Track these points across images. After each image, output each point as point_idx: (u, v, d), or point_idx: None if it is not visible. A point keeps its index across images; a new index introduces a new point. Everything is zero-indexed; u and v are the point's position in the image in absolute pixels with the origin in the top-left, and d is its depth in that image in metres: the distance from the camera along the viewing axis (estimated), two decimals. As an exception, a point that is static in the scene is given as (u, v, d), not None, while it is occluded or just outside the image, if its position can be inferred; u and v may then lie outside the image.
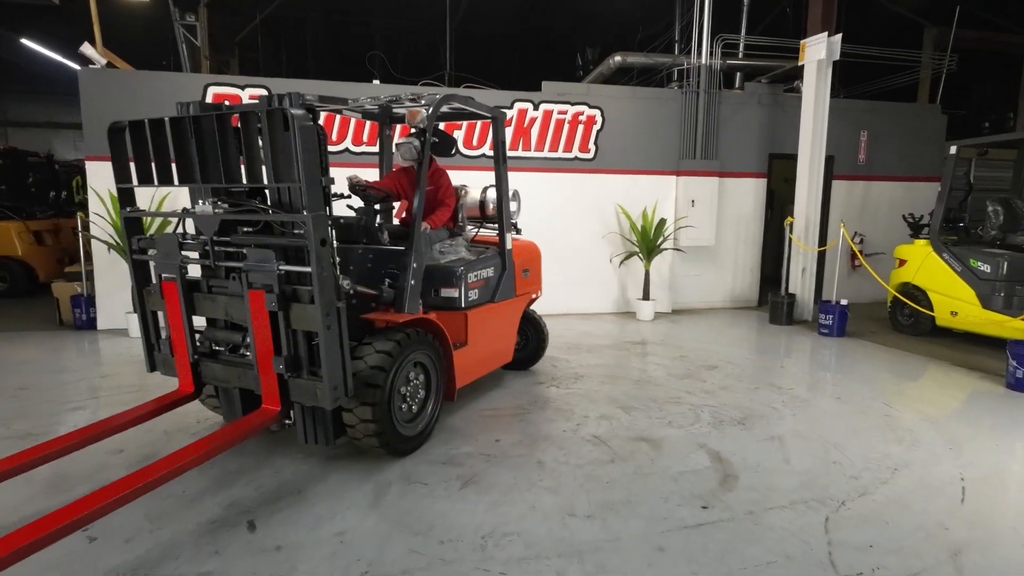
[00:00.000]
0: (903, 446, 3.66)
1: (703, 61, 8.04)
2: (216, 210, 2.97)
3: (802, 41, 7.40)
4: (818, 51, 7.11)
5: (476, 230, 5.01)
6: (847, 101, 9.27)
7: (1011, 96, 13.56)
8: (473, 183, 4.97)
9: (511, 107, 7.57)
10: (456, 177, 4.79)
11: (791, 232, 7.51)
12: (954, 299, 6.36)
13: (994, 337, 6.01)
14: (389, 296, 3.54)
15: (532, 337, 5.21)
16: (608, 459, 3.43)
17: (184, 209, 3.20)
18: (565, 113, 7.72)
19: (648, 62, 9.09)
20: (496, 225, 5.01)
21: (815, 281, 7.77)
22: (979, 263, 6.22)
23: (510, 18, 13.46)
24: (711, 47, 8.12)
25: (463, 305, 4.09)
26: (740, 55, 9.01)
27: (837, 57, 7.10)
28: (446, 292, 4.07)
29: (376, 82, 8.26)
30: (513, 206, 4.99)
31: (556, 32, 13.84)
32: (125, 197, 3.27)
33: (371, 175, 4.67)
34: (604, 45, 11.51)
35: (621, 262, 7.92)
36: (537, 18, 13.34)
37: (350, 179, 4.00)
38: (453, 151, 4.24)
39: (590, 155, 7.83)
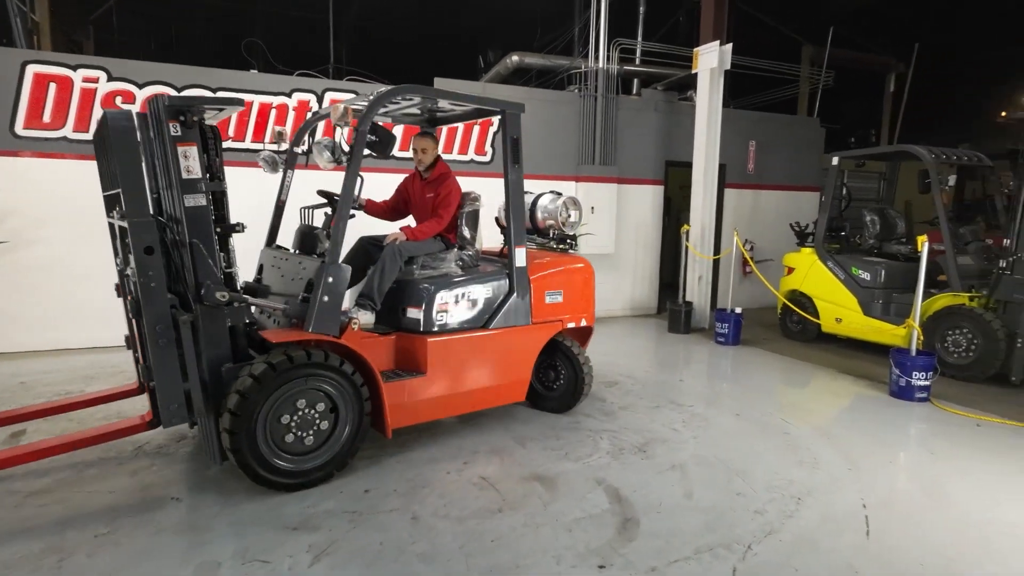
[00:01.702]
0: (804, 469, 3.49)
1: (600, 65, 7.87)
2: (119, 218, 3.00)
3: (695, 49, 7.40)
4: (710, 59, 7.13)
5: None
6: (736, 111, 9.51)
7: (876, 113, 14.77)
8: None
9: (401, 104, 6.99)
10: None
11: (687, 240, 7.49)
12: (838, 306, 6.54)
13: (875, 343, 6.21)
14: (293, 311, 3.19)
15: (567, 374, 4.28)
16: (496, 508, 2.96)
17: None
18: (460, 113, 7.23)
19: (546, 63, 8.83)
20: (556, 240, 4.57)
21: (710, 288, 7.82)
22: (860, 271, 6.43)
23: (409, 16, 12.83)
24: (608, 51, 7.97)
25: (426, 329, 3.60)
26: (637, 61, 8.97)
27: (728, 66, 7.15)
28: (412, 312, 3.63)
29: (253, 72, 7.37)
30: (573, 215, 4.50)
31: (457, 33, 13.38)
32: (111, 204, 3.21)
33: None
34: (505, 47, 11.20)
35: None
36: (437, 18, 12.80)
37: (320, 191, 3.82)
38: (390, 151, 3.56)
39: (487, 158, 7.41)
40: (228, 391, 2.84)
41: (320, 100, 6.67)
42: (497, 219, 4.63)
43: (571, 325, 4.26)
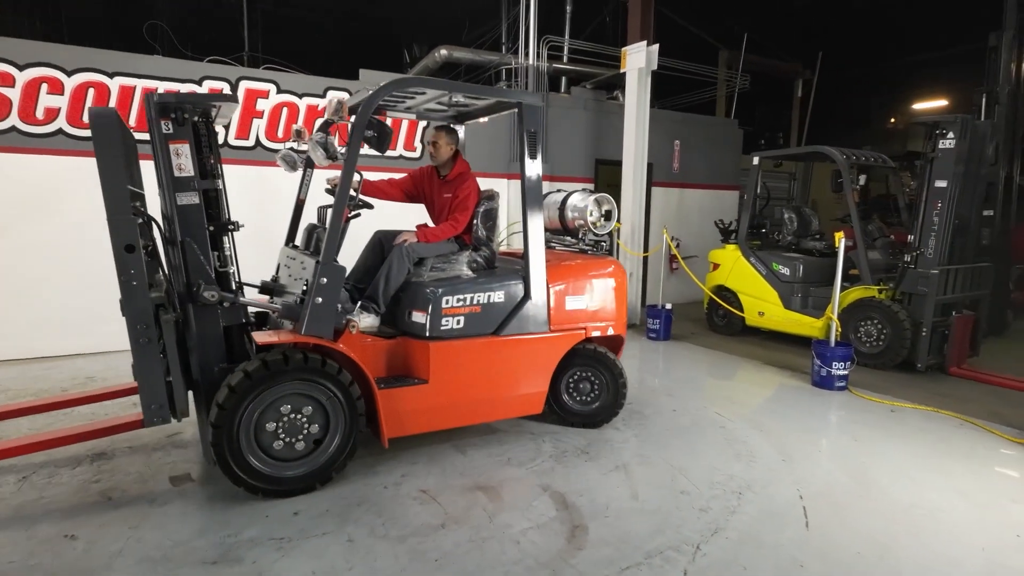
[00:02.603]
0: (742, 463, 3.55)
1: (530, 62, 7.82)
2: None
3: (623, 49, 7.48)
4: (638, 59, 7.22)
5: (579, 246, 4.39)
6: (661, 112, 9.74)
7: (785, 117, 15.64)
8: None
9: (324, 96, 6.64)
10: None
11: (619, 237, 7.56)
12: (761, 300, 6.80)
13: (795, 335, 6.51)
14: (286, 312, 3.15)
15: (605, 385, 4.00)
16: (439, 523, 2.79)
17: None
18: (387, 106, 6.96)
19: (475, 58, 8.68)
20: (587, 241, 4.35)
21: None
22: (780, 266, 6.72)
23: (332, 5, 12.27)
24: (538, 48, 7.93)
25: (431, 334, 3.43)
26: (565, 59, 8.99)
27: (655, 67, 7.27)
28: (417, 316, 3.47)
29: (157, 56, 6.76)
30: (606, 214, 4.22)
31: (382, 24, 12.94)
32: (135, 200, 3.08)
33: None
34: (432, 41, 10.95)
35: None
36: (361, 8, 12.32)
37: (329, 180, 3.59)
38: (387, 146, 3.39)
39: (416, 153, 7.17)
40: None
41: (234, 89, 6.20)
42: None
43: (596, 334, 3.97)
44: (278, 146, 6.35)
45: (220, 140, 6.22)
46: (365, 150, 3.28)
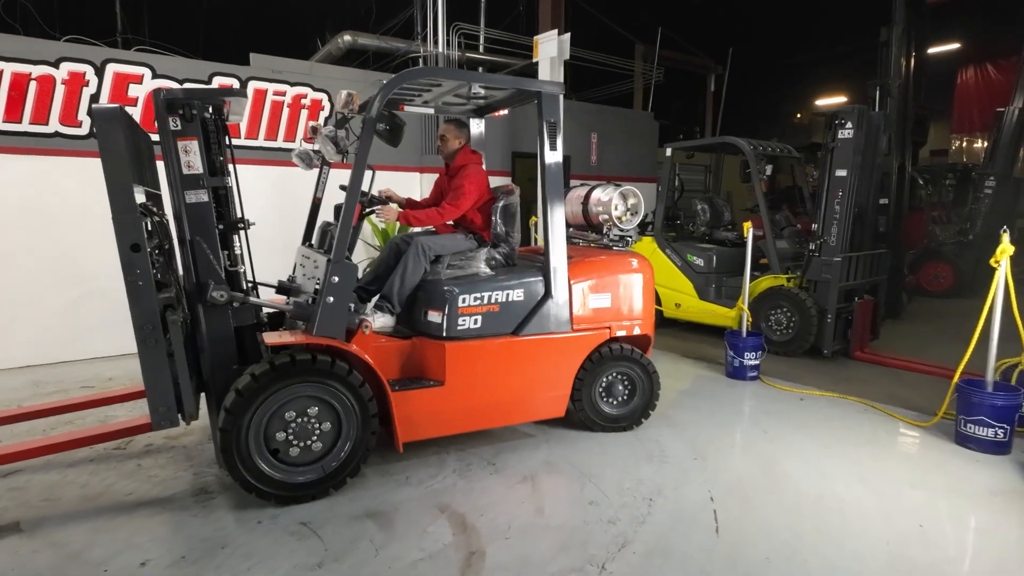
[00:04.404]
0: (653, 464, 3.40)
1: (440, 50, 7.47)
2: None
3: (535, 37, 7.28)
4: (550, 48, 7.03)
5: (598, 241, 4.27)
6: (578, 104, 9.66)
7: (699, 111, 16.06)
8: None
9: (209, 82, 6.04)
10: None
11: (536, 231, 7.37)
12: (677, 292, 6.79)
13: (712, 325, 6.54)
14: (297, 312, 3.07)
15: (640, 386, 3.83)
16: (315, 562, 2.45)
17: None
18: (283, 94, 6.44)
19: (382, 45, 8.25)
20: (611, 237, 4.16)
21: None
22: (694, 257, 6.73)
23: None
24: (448, 36, 7.60)
25: (448, 334, 3.30)
26: (480, 49, 8.71)
27: (567, 56, 7.09)
28: (432, 316, 3.37)
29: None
30: (631, 209, 4.03)
31: (285, 12, 12.16)
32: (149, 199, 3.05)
33: None
34: (336, 26, 10.36)
35: (364, 271, 6.93)
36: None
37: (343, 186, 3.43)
38: (400, 140, 3.33)
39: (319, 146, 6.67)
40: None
41: (100, 72, 5.50)
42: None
43: (621, 333, 3.79)
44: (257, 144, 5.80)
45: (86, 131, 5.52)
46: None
